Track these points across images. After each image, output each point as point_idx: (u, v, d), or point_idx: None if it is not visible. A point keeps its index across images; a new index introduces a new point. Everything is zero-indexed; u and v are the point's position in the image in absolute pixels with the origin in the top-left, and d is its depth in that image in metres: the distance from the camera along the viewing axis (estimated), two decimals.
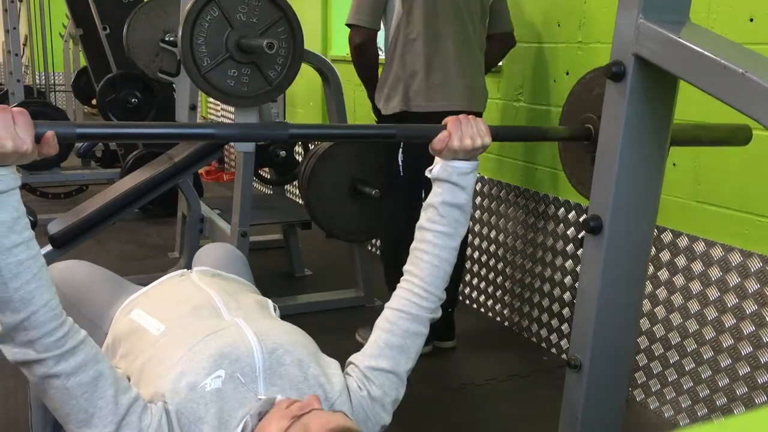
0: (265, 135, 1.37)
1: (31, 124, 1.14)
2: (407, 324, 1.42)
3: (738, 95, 1.10)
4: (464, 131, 1.40)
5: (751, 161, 2.15)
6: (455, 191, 1.43)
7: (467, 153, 1.42)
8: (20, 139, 1.11)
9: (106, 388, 1.18)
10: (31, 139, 1.13)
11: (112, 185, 3.52)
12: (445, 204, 1.43)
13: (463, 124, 1.41)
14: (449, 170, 1.43)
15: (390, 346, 1.42)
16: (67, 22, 6.82)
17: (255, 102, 2.69)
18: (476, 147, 1.41)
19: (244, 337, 1.33)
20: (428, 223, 1.45)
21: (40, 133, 1.15)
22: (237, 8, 2.52)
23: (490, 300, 3.35)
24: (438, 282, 1.44)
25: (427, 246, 1.44)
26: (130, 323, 1.51)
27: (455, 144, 1.40)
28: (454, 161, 1.43)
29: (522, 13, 3.05)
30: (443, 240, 1.44)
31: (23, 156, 1.13)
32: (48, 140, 1.16)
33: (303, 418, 1.15)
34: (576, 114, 1.56)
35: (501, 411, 2.54)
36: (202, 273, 1.72)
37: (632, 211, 1.39)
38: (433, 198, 1.45)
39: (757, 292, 2.13)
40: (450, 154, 1.42)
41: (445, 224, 1.44)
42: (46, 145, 1.16)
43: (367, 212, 3.25)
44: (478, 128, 1.42)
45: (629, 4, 1.27)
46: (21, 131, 1.12)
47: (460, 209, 1.44)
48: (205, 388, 1.23)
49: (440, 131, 1.41)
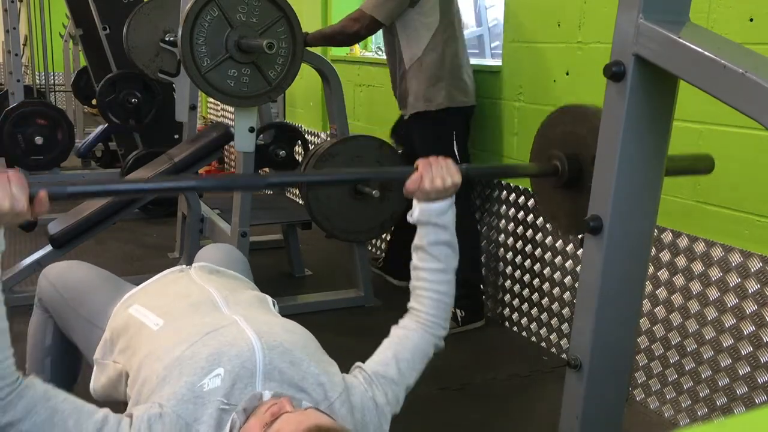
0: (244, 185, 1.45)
1: (26, 185, 1.20)
2: (415, 341, 1.49)
3: (738, 95, 1.10)
4: (435, 172, 1.46)
5: (751, 162, 2.15)
6: (438, 231, 1.51)
7: (439, 193, 1.48)
8: (16, 198, 1.17)
9: (64, 421, 1.20)
10: (26, 198, 1.19)
11: None
12: (431, 244, 1.51)
13: (433, 166, 1.47)
14: (428, 213, 1.50)
15: (398, 358, 1.46)
16: (67, 22, 6.82)
17: (255, 102, 2.69)
18: (447, 187, 1.47)
19: (244, 335, 1.33)
20: (421, 263, 1.53)
21: (33, 192, 1.22)
22: (237, 8, 2.52)
23: (489, 300, 3.35)
24: (441, 313, 1.52)
25: (424, 283, 1.52)
26: (128, 318, 1.52)
27: (426, 185, 1.46)
28: (431, 203, 1.50)
29: (522, 13, 3.05)
30: (438, 275, 1.52)
31: (18, 215, 1.18)
32: (41, 199, 1.22)
33: (274, 424, 1.15)
34: (544, 151, 1.63)
35: (501, 411, 2.54)
36: (201, 269, 1.72)
37: (632, 211, 1.39)
38: (419, 240, 1.52)
39: (757, 292, 2.13)
40: (423, 195, 1.49)
41: (436, 261, 1.52)
42: (38, 204, 1.22)
43: (367, 212, 3.25)
44: (448, 169, 1.48)
45: (629, 4, 1.27)
46: (17, 191, 1.17)
47: (447, 245, 1.52)
48: (204, 388, 1.23)
49: (412, 173, 1.48)
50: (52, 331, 1.84)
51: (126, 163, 4.73)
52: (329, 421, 1.19)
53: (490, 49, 5.30)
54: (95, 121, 7.81)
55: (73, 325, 1.73)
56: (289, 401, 1.21)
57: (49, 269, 1.84)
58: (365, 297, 3.46)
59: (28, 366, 1.90)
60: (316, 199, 3.18)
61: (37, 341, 1.86)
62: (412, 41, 3.00)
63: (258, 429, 1.16)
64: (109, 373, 1.52)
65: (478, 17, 5.60)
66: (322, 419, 1.18)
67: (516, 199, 3.13)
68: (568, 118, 1.60)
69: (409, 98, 3.09)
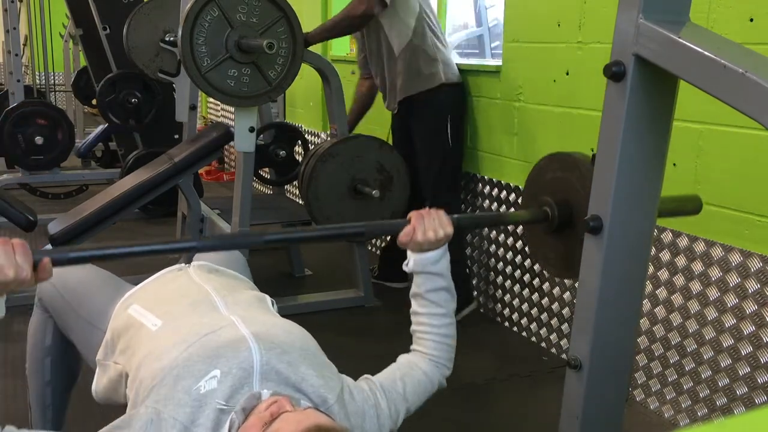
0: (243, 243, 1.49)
1: (30, 254, 1.22)
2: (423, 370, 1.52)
3: (738, 95, 1.10)
4: (427, 225, 1.49)
5: (751, 161, 2.15)
6: (434, 278, 1.54)
7: (431, 245, 1.50)
8: (20, 267, 1.20)
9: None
10: (30, 266, 1.21)
11: (112, 185, 3.52)
12: (429, 292, 1.54)
13: (425, 219, 1.50)
14: (422, 263, 1.53)
15: (404, 381, 1.48)
16: (67, 22, 6.82)
17: (255, 102, 2.69)
18: (439, 238, 1.50)
19: (241, 336, 1.33)
20: (420, 308, 1.55)
21: (37, 260, 1.24)
22: (237, 8, 2.52)
23: (490, 300, 3.35)
24: (444, 354, 1.55)
25: (426, 327, 1.55)
26: (128, 318, 1.52)
27: (419, 237, 1.49)
28: (424, 253, 1.52)
29: (522, 13, 3.05)
30: (439, 319, 1.55)
31: (22, 283, 1.21)
32: (44, 266, 1.24)
33: (274, 423, 1.15)
34: (534, 197, 1.66)
35: (501, 411, 2.54)
36: (200, 268, 1.72)
37: (632, 211, 1.39)
38: (417, 288, 1.55)
39: (757, 292, 2.13)
40: (416, 246, 1.51)
41: (436, 306, 1.54)
42: (42, 271, 1.25)
43: (367, 212, 3.25)
44: (440, 221, 1.51)
45: (629, 4, 1.27)
46: (21, 260, 1.20)
47: (445, 290, 1.55)
48: (200, 391, 1.23)
49: (405, 226, 1.50)
50: (52, 331, 1.84)
51: (126, 163, 4.74)
52: (329, 421, 1.19)
53: (490, 49, 5.31)
54: (95, 121, 7.82)
55: (73, 326, 1.73)
56: (289, 400, 1.20)
57: None
58: (365, 297, 3.46)
59: (28, 366, 1.90)
60: (316, 199, 3.18)
61: (37, 341, 1.86)
62: (399, 28, 3.15)
63: (257, 428, 1.15)
64: (110, 374, 1.52)
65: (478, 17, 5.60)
66: (321, 419, 1.18)
67: (516, 200, 3.13)
68: (557, 165, 1.64)
69: (399, 83, 3.24)
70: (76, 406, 2.07)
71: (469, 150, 3.43)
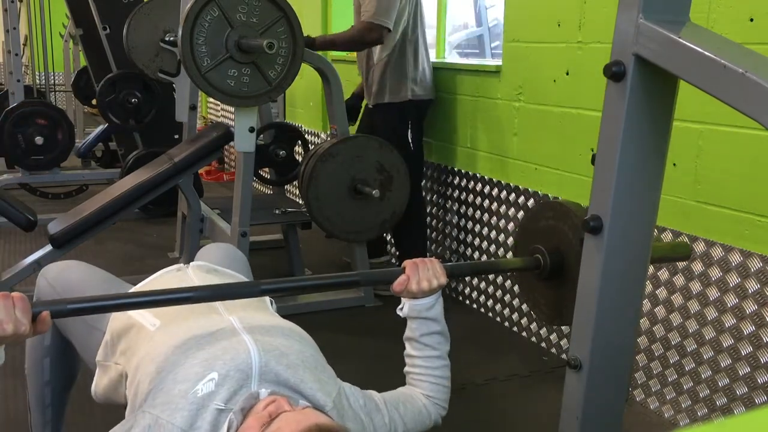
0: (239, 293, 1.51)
1: (29, 308, 1.23)
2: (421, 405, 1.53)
3: (738, 95, 1.10)
4: (421, 275, 1.51)
5: (751, 162, 2.15)
6: (428, 323, 1.55)
7: (425, 293, 1.52)
8: (19, 321, 1.20)
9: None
10: (29, 320, 1.22)
11: (112, 185, 3.52)
12: (423, 336, 1.55)
13: (420, 268, 1.52)
14: (417, 309, 1.55)
15: (406, 406, 1.49)
16: (67, 22, 6.82)
17: (255, 102, 2.69)
18: (433, 288, 1.52)
19: (240, 338, 1.33)
20: (415, 351, 1.57)
21: (36, 312, 1.25)
22: (237, 8, 2.52)
23: (490, 300, 3.35)
24: (440, 395, 1.56)
25: (420, 369, 1.56)
26: (127, 319, 1.51)
27: (413, 287, 1.51)
28: (418, 300, 1.54)
29: (522, 13, 3.05)
30: (433, 362, 1.56)
31: (20, 337, 1.21)
32: (43, 319, 1.25)
33: (273, 423, 1.15)
34: (526, 245, 1.68)
35: (501, 411, 2.54)
36: (199, 268, 1.72)
37: (632, 211, 1.39)
38: (411, 333, 1.56)
39: (757, 292, 2.13)
40: (410, 294, 1.53)
41: (431, 350, 1.56)
42: (41, 324, 1.25)
43: (367, 212, 3.25)
44: (434, 270, 1.53)
45: (629, 4, 1.27)
46: (20, 314, 1.20)
47: (439, 334, 1.57)
48: (197, 394, 1.23)
49: (399, 275, 1.52)
50: (51, 332, 1.83)
51: (126, 163, 4.73)
52: (328, 421, 1.19)
53: (490, 49, 5.31)
54: (95, 121, 7.82)
55: (72, 326, 1.73)
56: (287, 400, 1.20)
57: (48, 269, 1.84)
58: (365, 297, 3.46)
59: (27, 366, 1.89)
60: (316, 199, 3.18)
61: (36, 341, 1.86)
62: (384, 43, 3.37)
63: (256, 428, 1.15)
64: (110, 375, 1.51)
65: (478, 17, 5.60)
66: (321, 418, 1.18)
67: (516, 199, 3.13)
68: (550, 213, 1.65)
69: (374, 90, 3.48)
70: (76, 406, 2.07)
71: (469, 150, 3.43)
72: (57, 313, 1.31)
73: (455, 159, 3.54)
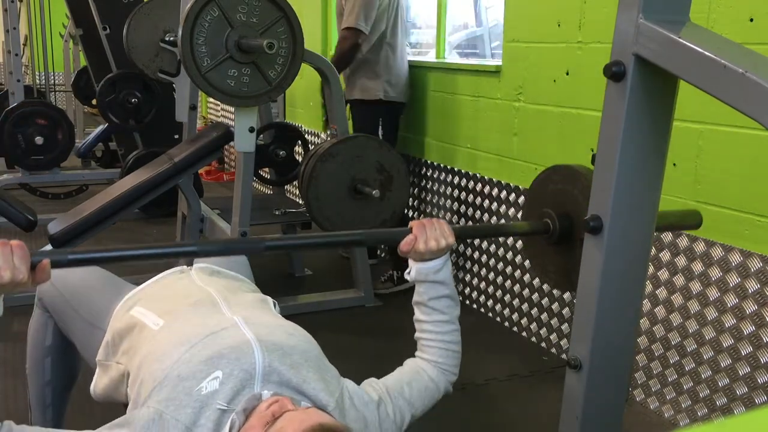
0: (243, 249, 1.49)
1: (28, 255, 1.22)
2: (428, 378, 1.52)
3: (738, 95, 1.10)
4: (429, 234, 1.48)
5: (751, 162, 2.15)
6: (436, 287, 1.53)
7: (433, 254, 1.49)
8: (17, 269, 1.19)
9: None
10: (27, 268, 1.21)
11: (112, 185, 3.52)
12: (432, 300, 1.53)
13: (427, 228, 1.48)
14: (424, 272, 1.52)
15: (411, 386, 1.48)
16: (67, 22, 6.82)
17: (255, 102, 2.69)
18: (441, 248, 1.49)
19: (243, 337, 1.33)
20: (423, 316, 1.55)
21: (35, 261, 1.24)
22: (237, 8, 2.52)
23: (490, 300, 3.35)
24: (450, 360, 1.55)
25: (430, 335, 1.54)
26: (130, 319, 1.51)
27: (421, 247, 1.48)
28: (426, 263, 1.51)
29: (522, 13, 3.05)
30: (442, 327, 1.54)
31: (19, 285, 1.20)
32: (43, 268, 1.24)
33: (276, 423, 1.15)
34: (535, 209, 1.65)
35: (501, 411, 2.55)
36: (202, 270, 1.72)
37: (632, 211, 1.39)
38: (419, 297, 1.54)
39: (757, 292, 2.13)
40: (417, 255, 1.50)
41: (440, 314, 1.54)
42: (41, 273, 1.24)
43: (367, 212, 3.25)
44: (441, 230, 1.49)
45: (629, 4, 1.27)
46: (18, 262, 1.19)
47: (448, 297, 1.54)
48: (201, 392, 1.23)
49: (406, 235, 1.48)
50: (52, 331, 1.83)
51: (126, 163, 4.73)
52: (332, 420, 1.19)
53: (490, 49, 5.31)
54: (95, 121, 7.81)
55: (73, 326, 1.73)
56: (290, 400, 1.20)
57: None
58: (365, 297, 3.46)
59: (28, 366, 1.90)
60: (316, 199, 3.18)
61: (38, 341, 1.86)
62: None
63: (259, 428, 1.15)
64: (111, 374, 1.51)
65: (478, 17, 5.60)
66: (324, 418, 1.18)
67: (516, 199, 3.13)
68: (559, 177, 1.63)
69: (349, 85, 3.70)
70: (76, 406, 2.07)
71: (469, 150, 3.43)
72: (57, 263, 1.28)
73: (455, 159, 3.54)
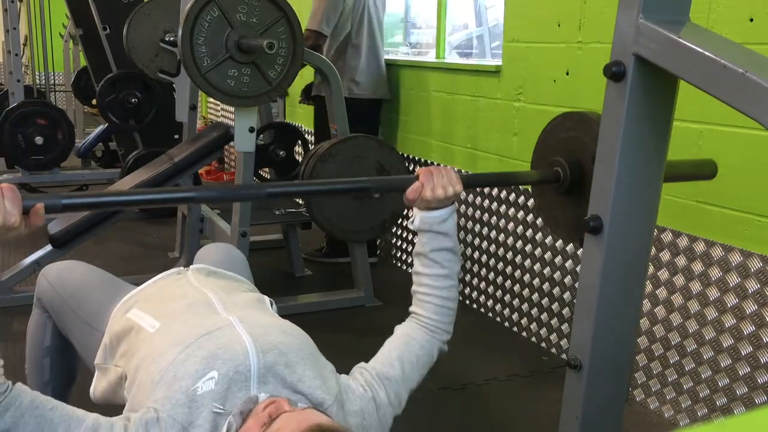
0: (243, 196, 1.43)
1: (20, 199, 1.18)
2: (420, 343, 1.48)
3: (738, 95, 1.10)
4: (436, 181, 1.45)
5: (751, 162, 2.15)
6: (440, 238, 1.49)
7: (440, 202, 1.47)
8: (8, 212, 1.15)
9: (54, 430, 1.18)
10: (19, 212, 1.17)
11: (112, 185, 3.52)
12: (434, 251, 1.50)
13: (434, 175, 1.46)
14: (429, 221, 1.49)
15: (402, 360, 1.45)
16: (67, 22, 6.82)
17: (255, 102, 2.69)
18: (448, 196, 1.46)
19: (239, 337, 1.33)
20: (423, 268, 1.51)
21: (29, 205, 1.20)
22: (237, 8, 2.52)
23: (490, 300, 3.35)
24: (445, 318, 1.51)
25: (427, 289, 1.51)
26: (127, 322, 1.51)
27: (428, 194, 1.45)
28: (431, 211, 1.48)
29: (522, 13, 3.05)
30: (441, 281, 1.51)
31: (10, 229, 1.17)
32: (37, 212, 1.20)
33: (273, 424, 1.14)
34: (545, 158, 1.61)
35: (501, 411, 2.54)
36: (198, 271, 1.72)
37: (632, 211, 1.39)
38: (421, 248, 1.51)
39: (757, 292, 2.13)
40: (423, 203, 1.47)
41: (439, 267, 1.50)
42: (34, 217, 1.20)
43: (367, 212, 3.25)
44: (448, 177, 1.47)
45: (629, 4, 1.27)
46: (9, 205, 1.16)
47: (450, 251, 1.51)
48: (197, 392, 1.23)
49: (413, 182, 1.45)
50: (51, 332, 1.83)
51: (126, 163, 4.73)
52: (329, 421, 1.19)
53: (490, 49, 5.30)
54: (95, 121, 7.81)
55: (72, 326, 1.73)
56: (287, 401, 1.20)
57: (48, 269, 1.84)
58: (365, 297, 3.46)
59: (28, 366, 1.89)
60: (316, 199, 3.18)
61: (37, 341, 1.86)
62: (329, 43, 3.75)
63: (256, 429, 1.15)
64: (110, 377, 1.51)
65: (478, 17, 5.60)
66: (322, 418, 1.18)
67: (516, 199, 3.13)
68: (570, 124, 1.57)
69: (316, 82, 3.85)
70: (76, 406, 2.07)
71: (469, 150, 3.43)
72: (51, 207, 1.25)
73: (455, 159, 3.54)
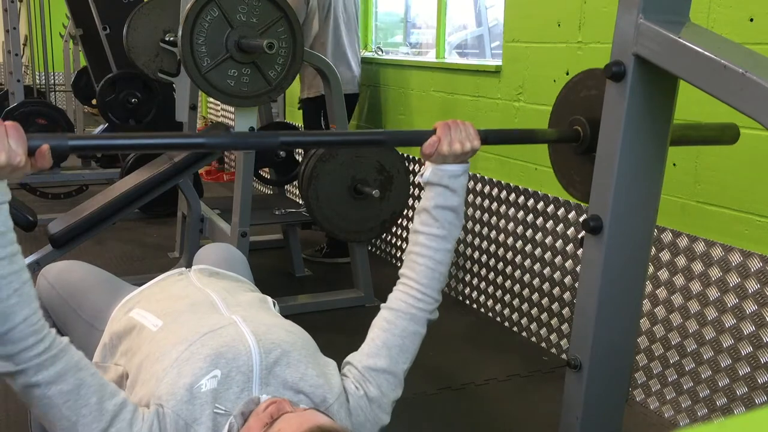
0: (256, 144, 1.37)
1: (24, 137, 1.14)
2: (405, 323, 1.43)
3: (738, 95, 1.10)
4: (453, 136, 1.41)
5: (751, 161, 2.15)
6: (447, 194, 1.44)
7: (457, 157, 1.42)
8: (13, 151, 1.12)
9: (89, 396, 1.17)
10: (24, 151, 1.14)
11: (112, 185, 3.52)
12: (437, 207, 1.44)
13: (452, 129, 1.41)
14: (440, 174, 1.44)
15: (388, 346, 1.42)
16: (67, 22, 6.81)
17: (255, 102, 2.69)
18: (465, 151, 1.42)
19: (242, 336, 1.33)
20: (422, 227, 1.46)
21: (34, 146, 1.16)
22: (237, 8, 2.52)
23: (490, 300, 3.35)
24: (434, 284, 1.45)
25: (422, 249, 1.45)
26: (128, 321, 1.51)
27: (444, 149, 1.40)
28: (445, 165, 1.43)
29: (522, 13, 3.05)
30: (437, 242, 1.45)
31: (16, 169, 1.13)
32: (43, 153, 1.17)
33: (274, 425, 1.14)
34: (564, 116, 1.57)
35: (501, 411, 2.54)
36: (200, 272, 1.72)
37: (632, 211, 1.39)
38: (426, 202, 1.46)
39: (757, 292, 2.13)
40: (440, 158, 1.43)
41: (439, 227, 1.45)
42: (40, 158, 1.17)
43: (367, 212, 3.25)
44: (467, 132, 1.42)
45: (629, 4, 1.27)
46: (14, 143, 1.12)
47: (454, 211, 1.45)
48: (201, 389, 1.23)
49: (429, 136, 1.41)
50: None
51: (126, 163, 4.73)
52: (330, 422, 1.19)
53: (490, 49, 5.30)
54: (95, 121, 7.82)
55: (72, 326, 1.73)
56: (288, 402, 1.20)
57: (48, 269, 1.84)
58: (365, 297, 3.46)
59: None
60: (316, 199, 3.18)
61: None
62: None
63: (257, 430, 1.15)
64: (110, 376, 1.51)
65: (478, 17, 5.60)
66: (322, 420, 1.18)
67: (516, 199, 3.13)
68: (592, 82, 1.53)
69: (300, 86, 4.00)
70: None
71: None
72: (57, 148, 1.19)
73: None
